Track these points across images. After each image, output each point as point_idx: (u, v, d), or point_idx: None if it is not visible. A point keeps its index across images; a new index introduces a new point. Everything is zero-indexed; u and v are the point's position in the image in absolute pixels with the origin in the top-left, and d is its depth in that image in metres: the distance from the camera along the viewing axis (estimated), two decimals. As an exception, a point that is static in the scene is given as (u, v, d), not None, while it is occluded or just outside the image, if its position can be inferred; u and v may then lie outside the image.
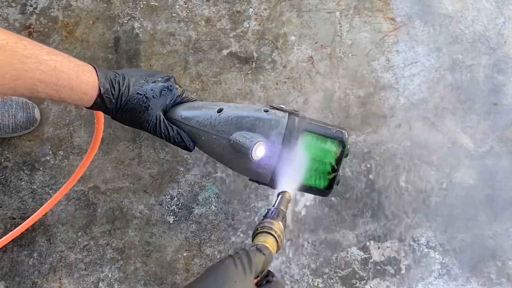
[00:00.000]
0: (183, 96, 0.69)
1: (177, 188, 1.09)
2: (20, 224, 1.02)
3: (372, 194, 1.11)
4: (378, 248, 1.09)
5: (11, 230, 1.03)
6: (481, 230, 1.11)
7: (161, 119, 0.66)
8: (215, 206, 1.09)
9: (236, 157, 0.64)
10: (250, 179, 0.68)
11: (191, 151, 0.69)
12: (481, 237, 1.11)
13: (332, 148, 0.67)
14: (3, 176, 1.07)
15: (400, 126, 1.14)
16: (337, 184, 0.69)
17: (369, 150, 1.12)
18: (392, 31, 1.17)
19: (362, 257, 1.09)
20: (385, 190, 1.11)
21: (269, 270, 0.56)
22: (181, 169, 1.10)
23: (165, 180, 1.09)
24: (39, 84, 0.54)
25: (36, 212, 0.98)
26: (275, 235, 0.61)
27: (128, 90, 0.63)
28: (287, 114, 0.65)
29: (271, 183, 0.66)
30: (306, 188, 0.68)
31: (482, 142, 1.15)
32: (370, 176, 1.11)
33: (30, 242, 1.06)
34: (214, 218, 1.09)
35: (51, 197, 1.07)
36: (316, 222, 1.09)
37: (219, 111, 0.66)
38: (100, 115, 0.79)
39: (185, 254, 1.07)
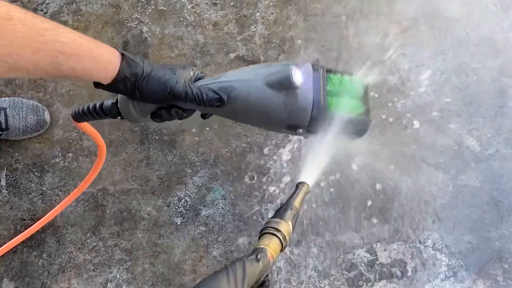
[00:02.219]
0: (202, 74, 0.69)
1: (184, 190, 1.10)
2: (30, 225, 1.03)
3: (379, 196, 1.11)
4: (385, 250, 1.10)
5: (21, 231, 1.05)
6: (487, 232, 1.11)
7: (190, 83, 0.64)
8: (222, 208, 1.10)
9: (275, 95, 0.62)
10: (288, 127, 0.64)
11: (224, 104, 0.64)
12: (488, 239, 1.11)
13: (357, 81, 0.67)
14: (14, 178, 1.09)
15: (406, 128, 1.14)
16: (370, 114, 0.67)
17: (374, 152, 1.13)
18: (398, 35, 1.18)
19: (369, 259, 1.09)
20: (391, 192, 1.11)
21: (266, 278, 0.56)
22: (189, 171, 1.11)
23: (172, 182, 1.11)
24: (60, 56, 0.53)
25: (43, 218, 1.00)
26: (280, 237, 0.60)
27: (150, 65, 0.62)
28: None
29: (312, 122, 0.63)
30: (346, 121, 0.64)
31: (488, 145, 1.15)
32: (376, 178, 1.12)
33: (40, 243, 1.07)
34: (221, 219, 1.09)
35: (60, 198, 1.08)
36: (322, 224, 1.09)
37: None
38: (103, 153, 0.82)
39: (192, 255, 1.08)
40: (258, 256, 0.54)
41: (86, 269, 1.07)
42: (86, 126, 0.79)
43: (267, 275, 0.56)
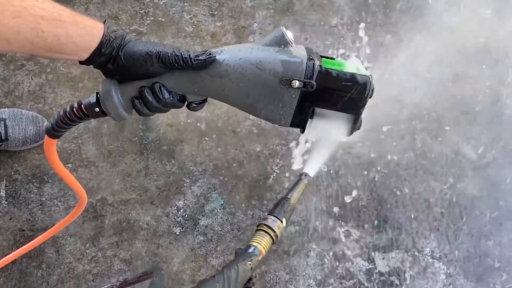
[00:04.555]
0: None
1: (183, 199, 1.11)
2: (30, 235, 1.03)
3: (377, 205, 1.12)
4: (383, 258, 1.10)
5: (20, 242, 1.05)
6: (486, 240, 1.12)
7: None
8: (221, 217, 1.10)
9: (268, 49, 0.62)
10: (282, 82, 0.61)
11: (213, 62, 0.60)
12: (486, 247, 1.11)
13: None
14: (13, 189, 1.09)
15: (403, 137, 1.15)
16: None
17: (373, 162, 1.13)
18: (394, 44, 1.19)
19: (367, 267, 1.10)
20: (390, 200, 1.12)
21: (252, 276, 0.63)
22: (187, 180, 1.12)
23: (171, 192, 1.11)
24: (42, 22, 0.52)
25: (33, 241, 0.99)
26: (273, 235, 0.68)
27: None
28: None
29: (308, 72, 0.60)
30: (341, 75, 0.61)
31: (485, 153, 1.15)
32: (375, 187, 1.12)
33: (39, 254, 1.08)
34: (220, 229, 1.10)
35: (59, 209, 1.09)
36: (321, 233, 1.10)
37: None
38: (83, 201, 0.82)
39: (191, 265, 1.08)
40: (251, 263, 0.62)
41: (85, 279, 1.07)
42: (68, 176, 0.79)
43: (254, 273, 0.64)
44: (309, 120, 0.65)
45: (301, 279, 1.08)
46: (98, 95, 0.64)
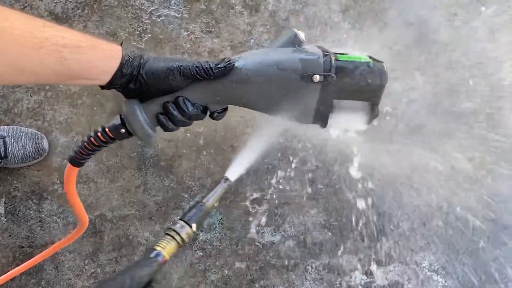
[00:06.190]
0: None
1: (182, 215, 1.11)
2: (29, 252, 1.04)
3: (374, 219, 1.12)
4: (382, 272, 1.10)
5: (20, 258, 1.06)
6: (483, 253, 1.12)
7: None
8: (220, 232, 1.11)
9: (284, 50, 0.64)
10: (303, 78, 0.62)
11: (233, 68, 0.62)
12: (483, 260, 1.12)
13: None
14: (12, 206, 1.10)
15: (399, 151, 1.16)
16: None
17: (370, 175, 1.14)
18: (389, 59, 1.21)
19: (366, 281, 1.10)
20: (387, 214, 1.13)
21: (150, 282, 0.61)
22: (186, 196, 1.12)
23: (170, 207, 1.12)
24: (63, 50, 0.54)
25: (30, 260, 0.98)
26: (179, 241, 0.67)
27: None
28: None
29: (326, 65, 0.62)
30: (358, 65, 0.64)
31: (481, 166, 1.16)
32: (372, 201, 1.13)
33: (38, 270, 1.08)
34: (219, 244, 1.10)
35: (58, 225, 1.09)
36: (319, 247, 1.10)
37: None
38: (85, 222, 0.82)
39: (190, 280, 1.08)
40: (150, 269, 0.60)
41: (84, 296, 1.08)
42: (76, 201, 0.78)
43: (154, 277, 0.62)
44: (329, 114, 0.67)
45: (299, 293, 1.09)
46: (122, 116, 0.65)
